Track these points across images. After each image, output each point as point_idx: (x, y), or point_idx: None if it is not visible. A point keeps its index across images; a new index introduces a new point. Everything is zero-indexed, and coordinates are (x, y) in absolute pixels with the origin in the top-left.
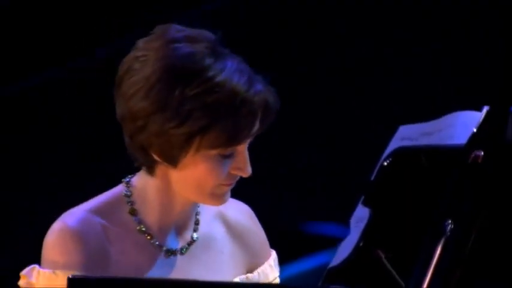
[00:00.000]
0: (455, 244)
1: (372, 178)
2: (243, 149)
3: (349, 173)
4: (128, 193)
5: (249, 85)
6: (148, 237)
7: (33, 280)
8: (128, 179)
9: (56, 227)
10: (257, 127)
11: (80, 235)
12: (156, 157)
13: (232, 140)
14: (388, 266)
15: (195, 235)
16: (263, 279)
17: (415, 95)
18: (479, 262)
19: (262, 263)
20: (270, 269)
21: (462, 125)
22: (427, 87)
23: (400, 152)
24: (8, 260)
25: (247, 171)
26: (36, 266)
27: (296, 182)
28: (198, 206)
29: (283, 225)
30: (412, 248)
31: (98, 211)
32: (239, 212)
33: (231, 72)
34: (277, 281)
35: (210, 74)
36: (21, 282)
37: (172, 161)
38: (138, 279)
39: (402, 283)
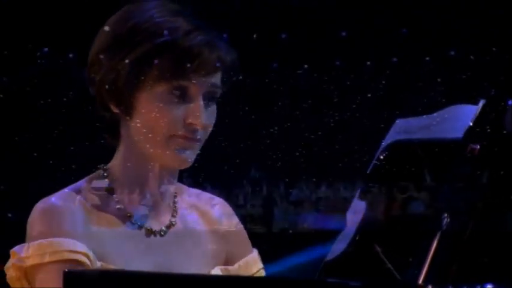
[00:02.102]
0: (451, 238)
1: (368, 171)
2: (196, 96)
3: (346, 165)
4: (105, 174)
5: (195, 28)
6: (129, 215)
7: (23, 254)
8: (102, 165)
9: (38, 205)
10: (206, 72)
11: (63, 208)
12: (113, 108)
13: (176, 71)
14: (385, 259)
15: (173, 220)
16: (243, 271)
17: (413, 89)
18: (475, 255)
19: (244, 254)
20: (253, 261)
21: (460, 119)
22: (425, 80)
23: (397, 145)
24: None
25: (200, 118)
26: (26, 244)
27: (293, 175)
28: (175, 197)
29: (280, 219)
30: (409, 242)
31: (78, 191)
32: (216, 205)
33: (181, 15)
34: (262, 272)
35: (160, 14)
36: (12, 260)
37: (127, 107)
38: (136, 272)
39: (399, 277)
